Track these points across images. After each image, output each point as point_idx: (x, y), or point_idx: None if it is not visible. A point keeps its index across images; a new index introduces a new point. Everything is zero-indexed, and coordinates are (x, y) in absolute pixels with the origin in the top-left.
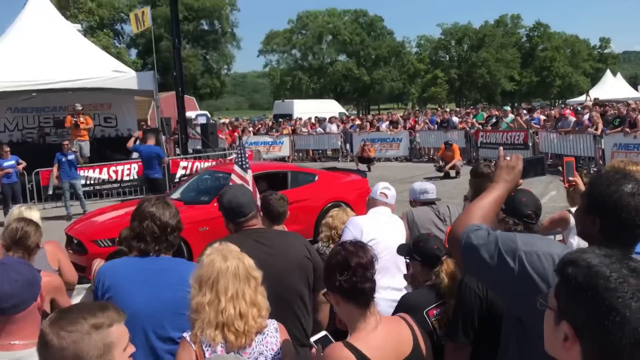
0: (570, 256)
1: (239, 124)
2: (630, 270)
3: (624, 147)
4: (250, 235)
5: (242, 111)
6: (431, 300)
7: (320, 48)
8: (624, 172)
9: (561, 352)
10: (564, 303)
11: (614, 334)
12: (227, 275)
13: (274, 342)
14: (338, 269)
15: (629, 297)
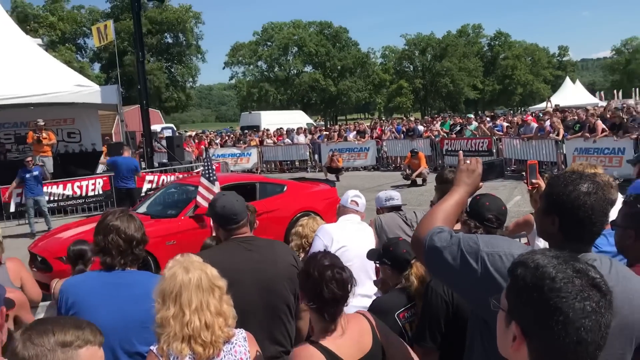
0: (521, 257)
1: (205, 136)
2: (576, 271)
3: (584, 152)
4: (241, 244)
5: (208, 123)
6: (402, 303)
7: (286, 59)
8: (581, 173)
9: (511, 353)
10: (513, 303)
11: (558, 333)
12: (189, 288)
13: (242, 351)
14: (311, 294)
15: (573, 298)
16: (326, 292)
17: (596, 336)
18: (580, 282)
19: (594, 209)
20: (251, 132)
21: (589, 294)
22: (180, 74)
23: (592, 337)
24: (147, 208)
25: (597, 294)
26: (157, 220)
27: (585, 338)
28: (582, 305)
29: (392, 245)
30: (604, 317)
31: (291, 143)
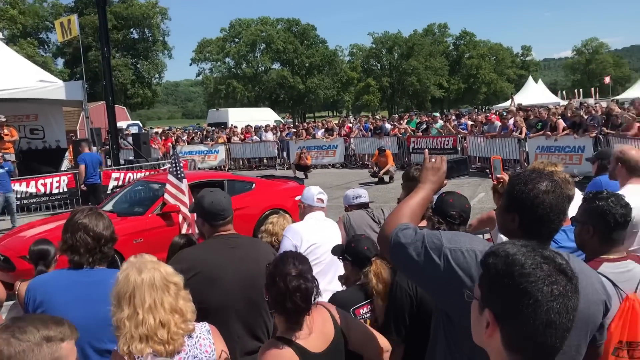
0: (492, 248)
1: (172, 133)
2: (544, 258)
3: (546, 150)
4: (225, 242)
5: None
6: (359, 299)
7: (254, 56)
8: (540, 172)
9: (485, 339)
10: (486, 292)
11: (528, 316)
12: (142, 288)
13: (207, 344)
14: (275, 304)
15: (541, 282)
16: (289, 304)
17: (564, 318)
18: (548, 267)
19: (552, 207)
20: (219, 129)
21: (556, 279)
22: (147, 70)
23: (560, 319)
24: (114, 206)
25: (564, 279)
26: (124, 218)
27: (554, 320)
28: (550, 289)
29: (354, 241)
30: (571, 300)
31: (259, 140)
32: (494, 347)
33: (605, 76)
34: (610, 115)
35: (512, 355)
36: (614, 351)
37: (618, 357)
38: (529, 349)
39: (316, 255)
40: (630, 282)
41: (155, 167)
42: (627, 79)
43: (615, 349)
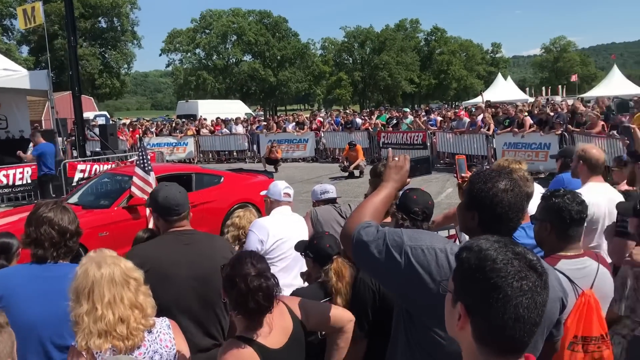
0: (467, 242)
1: (140, 124)
2: (515, 254)
3: (513, 146)
4: (179, 238)
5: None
6: (319, 297)
7: (225, 48)
8: (499, 170)
9: (457, 331)
10: (459, 285)
11: (497, 310)
12: (102, 283)
13: (167, 339)
14: (236, 304)
15: (511, 277)
16: (252, 304)
17: (532, 313)
18: (518, 263)
19: (510, 206)
20: (188, 121)
21: (526, 274)
22: (115, 60)
23: (528, 314)
24: (79, 198)
25: (534, 275)
26: (89, 210)
27: (523, 315)
28: (519, 285)
29: (316, 238)
30: (540, 295)
31: (229, 133)
32: (465, 339)
33: (572, 74)
34: (575, 113)
35: (482, 348)
36: (570, 346)
37: (573, 351)
38: (498, 343)
39: (282, 251)
40: (586, 278)
41: (123, 159)
42: (593, 77)
43: (570, 344)
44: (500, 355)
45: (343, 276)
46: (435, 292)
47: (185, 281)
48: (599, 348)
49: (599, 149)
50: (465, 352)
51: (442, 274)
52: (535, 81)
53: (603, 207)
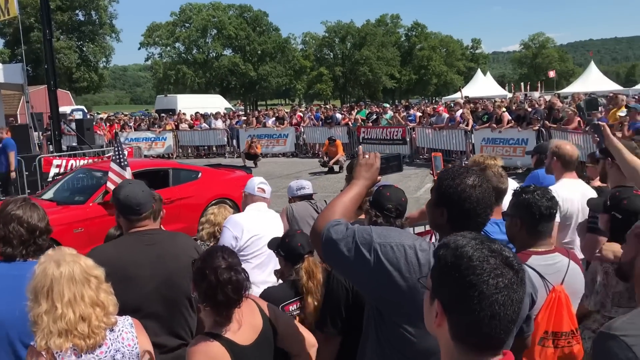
0: (445, 239)
1: (118, 119)
2: (491, 252)
3: (491, 142)
4: (141, 238)
5: (122, 106)
6: (289, 295)
7: (205, 42)
8: (467, 167)
9: (434, 328)
10: (436, 282)
11: (474, 307)
12: (61, 281)
13: (130, 337)
14: (205, 296)
15: (487, 275)
16: (220, 296)
17: (509, 310)
18: (495, 261)
19: (479, 201)
20: (167, 115)
21: (502, 272)
22: (93, 54)
23: (504, 311)
24: (54, 194)
25: (509, 272)
26: (64, 206)
27: (499, 312)
28: (495, 282)
29: (288, 237)
30: (517, 292)
31: (208, 128)
32: (442, 336)
33: (551, 70)
34: (552, 109)
35: (459, 345)
36: (540, 341)
37: (544, 347)
38: (474, 340)
39: (257, 247)
40: (557, 274)
41: (100, 154)
42: (571, 73)
43: (541, 339)
44: (478, 353)
45: (314, 275)
46: (405, 289)
47: (148, 282)
48: (569, 343)
49: (572, 145)
50: (443, 349)
51: (411, 271)
52: (515, 77)
53: (576, 203)
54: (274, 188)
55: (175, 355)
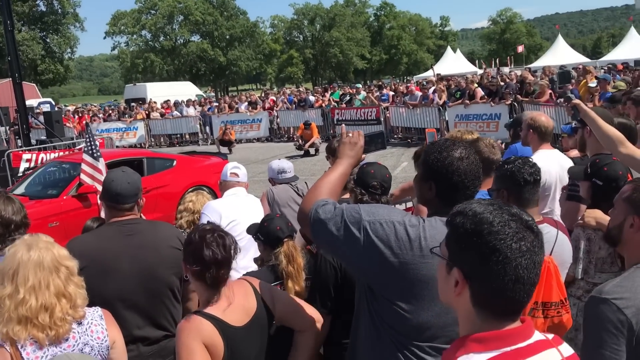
0: (458, 208)
1: (87, 110)
2: (511, 215)
3: (464, 118)
4: (121, 229)
5: (91, 97)
6: (269, 280)
7: (172, 29)
8: (454, 140)
9: (453, 298)
10: (454, 251)
11: (497, 272)
12: (28, 266)
13: (99, 330)
14: (193, 258)
15: (510, 239)
16: (207, 254)
17: (532, 273)
18: (515, 224)
19: (466, 173)
20: (137, 105)
21: (523, 235)
22: (57, 45)
23: (527, 274)
24: (26, 189)
25: (530, 235)
26: (37, 201)
27: (522, 275)
28: (518, 246)
29: (267, 220)
30: (538, 255)
31: (180, 116)
32: (462, 305)
33: (519, 45)
34: (524, 83)
35: (481, 312)
36: (530, 312)
37: (534, 317)
38: (498, 305)
39: (236, 233)
40: (545, 245)
41: (70, 146)
42: (539, 47)
43: (531, 310)
44: (500, 318)
45: (294, 259)
46: (396, 265)
47: (128, 274)
48: (558, 313)
49: (547, 117)
50: (463, 318)
51: (402, 247)
52: (484, 53)
53: (554, 173)
54: (250, 173)
55: (160, 347)
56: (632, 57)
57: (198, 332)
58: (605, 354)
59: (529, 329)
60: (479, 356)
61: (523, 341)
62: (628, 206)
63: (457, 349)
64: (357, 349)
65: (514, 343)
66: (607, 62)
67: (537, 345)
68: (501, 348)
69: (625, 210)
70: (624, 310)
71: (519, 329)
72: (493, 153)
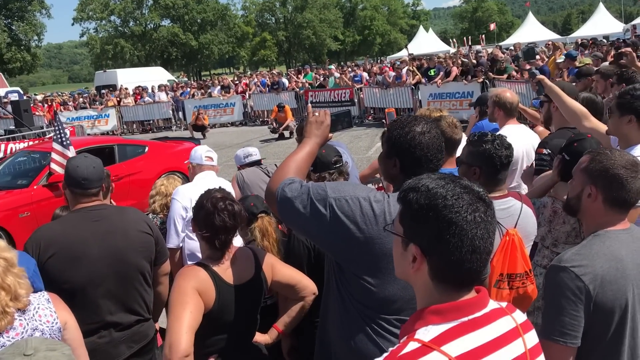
0: (409, 184)
1: (55, 97)
2: (463, 188)
3: (437, 97)
4: (87, 215)
5: (61, 85)
6: None
7: (141, 13)
8: (415, 116)
9: (411, 273)
10: (409, 227)
11: (454, 245)
12: None
13: (48, 314)
14: (204, 224)
15: (464, 211)
16: (218, 221)
17: (487, 243)
18: (468, 196)
19: (429, 147)
20: (108, 91)
21: (477, 206)
22: (23, 32)
23: (483, 244)
24: None
25: (483, 205)
26: (7, 191)
27: (479, 246)
28: (473, 217)
29: (242, 199)
30: (491, 224)
31: (152, 101)
32: (420, 279)
33: (491, 23)
34: (495, 61)
35: (439, 285)
36: (496, 283)
37: (500, 288)
38: (456, 277)
39: None
40: (510, 217)
41: (40, 135)
42: (510, 25)
43: (497, 282)
44: (457, 289)
45: (270, 234)
46: (362, 240)
47: (97, 260)
48: (523, 284)
49: (512, 92)
50: (421, 292)
51: (367, 222)
52: (456, 32)
53: (521, 149)
54: (224, 158)
55: (133, 332)
56: (601, 32)
57: (194, 277)
58: (564, 320)
59: (484, 298)
60: (437, 327)
61: (479, 311)
62: (585, 176)
63: (416, 321)
64: (326, 324)
65: (471, 313)
66: (577, 38)
67: (493, 314)
68: (459, 318)
69: (582, 181)
70: (582, 277)
71: (475, 299)
72: (455, 132)
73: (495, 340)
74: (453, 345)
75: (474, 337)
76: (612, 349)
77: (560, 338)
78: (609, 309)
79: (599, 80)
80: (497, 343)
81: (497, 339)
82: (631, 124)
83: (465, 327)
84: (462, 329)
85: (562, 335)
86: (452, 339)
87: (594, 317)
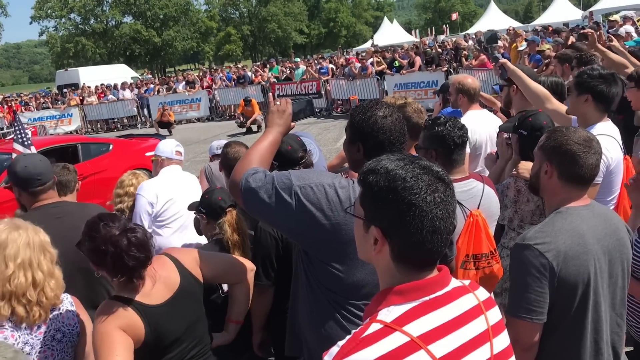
0: (368, 165)
1: (16, 99)
2: (422, 169)
3: (403, 87)
4: (49, 211)
5: (21, 86)
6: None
7: (102, 10)
8: (377, 100)
9: (373, 255)
10: (370, 209)
11: (415, 226)
12: (17, 242)
13: (70, 316)
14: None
15: (424, 192)
16: (130, 261)
17: (447, 223)
18: (427, 177)
19: (391, 130)
20: (70, 90)
21: (436, 187)
22: None
23: (444, 224)
24: None
25: (442, 185)
26: None
27: (439, 226)
28: (432, 198)
29: (208, 193)
30: (451, 204)
31: (116, 99)
32: (382, 260)
33: (453, 13)
34: (458, 49)
35: (401, 266)
36: (462, 264)
37: (466, 269)
38: (417, 257)
39: (175, 211)
40: (473, 199)
41: (0, 137)
42: (473, 14)
43: (463, 263)
44: (418, 269)
45: (239, 228)
46: (329, 227)
47: (62, 257)
48: (489, 264)
49: (473, 78)
50: (383, 273)
51: (333, 209)
52: (420, 22)
53: (484, 133)
54: (192, 154)
55: None
56: (561, 19)
57: (114, 316)
58: (530, 296)
59: (445, 277)
60: (399, 308)
61: (440, 289)
62: (542, 154)
63: (378, 302)
64: (296, 313)
65: (433, 292)
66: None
67: (455, 292)
68: (420, 298)
69: (539, 159)
70: (546, 254)
71: (436, 277)
72: (421, 117)
73: (457, 318)
74: (415, 324)
75: (436, 315)
76: (576, 323)
77: (526, 315)
78: (572, 284)
79: (557, 64)
80: (459, 321)
81: (459, 316)
82: (588, 103)
83: (426, 306)
84: (424, 308)
85: (528, 312)
86: (414, 319)
87: (558, 293)
